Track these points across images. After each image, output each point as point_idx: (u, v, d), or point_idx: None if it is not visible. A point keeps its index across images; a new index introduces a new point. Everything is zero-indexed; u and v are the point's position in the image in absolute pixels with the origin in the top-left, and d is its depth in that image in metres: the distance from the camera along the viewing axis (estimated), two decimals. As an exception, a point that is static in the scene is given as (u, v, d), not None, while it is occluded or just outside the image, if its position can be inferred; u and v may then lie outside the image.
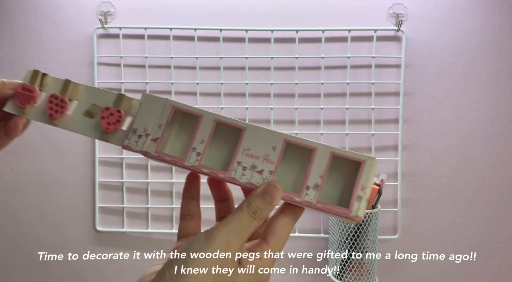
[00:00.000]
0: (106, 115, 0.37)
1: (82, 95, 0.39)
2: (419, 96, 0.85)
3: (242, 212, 0.30)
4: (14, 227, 0.90)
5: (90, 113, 0.38)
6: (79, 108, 0.39)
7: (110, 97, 0.38)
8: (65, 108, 0.38)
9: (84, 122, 0.38)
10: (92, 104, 0.38)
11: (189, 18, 0.85)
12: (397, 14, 0.83)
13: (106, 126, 0.37)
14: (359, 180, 0.31)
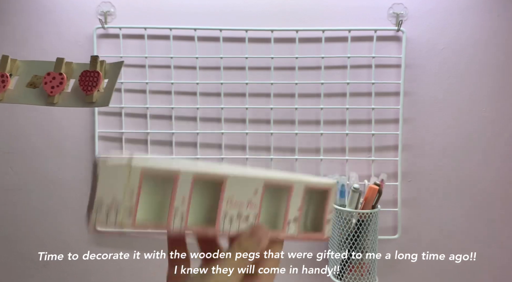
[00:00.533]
0: (48, 80, 0.40)
1: (22, 69, 0.42)
2: (419, 96, 0.85)
3: (234, 254, 0.32)
4: (14, 227, 0.90)
5: (33, 83, 0.40)
6: (21, 81, 0.41)
7: (49, 65, 0.41)
8: (6, 82, 0.40)
9: (28, 92, 0.40)
10: (34, 75, 0.41)
11: (189, 18, 0.85)
12: (397, 14, 0.83)
13: (51, 90, 0.39)
14: (327, 205, 0.33)
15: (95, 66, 0.42)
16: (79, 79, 0.41)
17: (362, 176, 0.85)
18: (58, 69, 0.41)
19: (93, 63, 0.42)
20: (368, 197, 0.77)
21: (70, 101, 0.41)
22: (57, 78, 0.40)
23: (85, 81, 0.41)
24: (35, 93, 0.40)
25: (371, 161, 0.85)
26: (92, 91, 0.40)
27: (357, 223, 0.76)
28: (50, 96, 0.40)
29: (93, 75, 0.41)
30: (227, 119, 0.86)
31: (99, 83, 0.40)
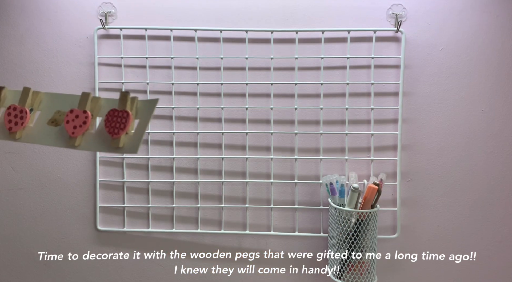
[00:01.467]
0: (71, 118, 0.34)
1: (44, 103, 0.36)
2: (418, 96, 0.85)
3: None
4: (14, 227, 0.91)
5: (55, 121, 0.35)
6: (42, 117, 0.36)
7: (74, 100, 0.36)
8: (25, 119, 0.35)
9: (48, 131, 0.35)
10: (57, 111, 0.36)
11: (189, 19, 0.85)
12: (396, 14, 0.83)
13: (72, 130, 0.34)
14: None
15: (125, 104, 0.35)
16: (106, 119, 0.35)
17: (362, 176, 0.85)
18: (83, 106, 0.35)
19: (122, 100, 0.35)
20: (367, 196, 0.77)
21: (94, 144, 0.35)
22: (80, 116, 0.34)
23: (112, 121, 0.34)
24: (56, 132, 0.35)
25: (371, 161, 0.85)
26: (119, 134, 0.34)
27: (356, 223, 0.76)
28: (72, 138, 0.34)
29: (121, 115, 0.35)
30: (227, 119, 0.87)
31: (127, 125, 0.34)
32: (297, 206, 0.86)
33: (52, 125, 0.35)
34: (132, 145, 0.34)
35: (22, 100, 0.36)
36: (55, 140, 0.35)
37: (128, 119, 0.34)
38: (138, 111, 0.35)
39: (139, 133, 0.34)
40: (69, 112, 0.35)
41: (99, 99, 0.35)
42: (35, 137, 0.35)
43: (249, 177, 0.87)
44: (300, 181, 0.86)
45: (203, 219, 0.88)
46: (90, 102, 0.35)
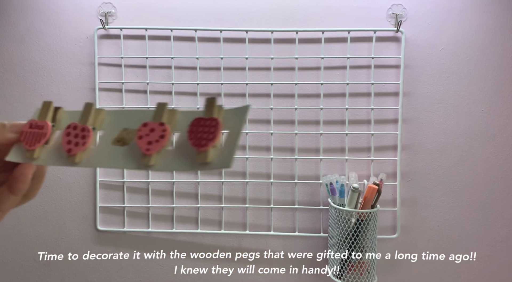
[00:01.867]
0: (145, 132, 0.28)
1: (108, 121, 0.31)
2: (418, 96, 0.85)
3: None
4: (14, 227, 0.91)
5: (121, 139, 0.30)
6: (106, 137, 0.30)
7: (143, 115, 0.30)
8: (88, 138, 0.29)
9: (114, 152, 0.29)
10: (123, 129, 0.30)
11: (189, 18, 0.86)
12: (396, 14, 0.83)
13: (147, 147, 0.28)
14: None
15: (212, 111, 0.29)
16: (189, 130, 0.28)
17: (362, 176, 0.85)
18: (159, 118, 0.29)
19: (209, 107, 0.29)
20: (367, 196, 0.77)
21: (173, 162, 0.28)
22: (156, 130, 0.28)
23: (198, 132, 0.28)
24: (123, 152, 0.29)
25: (371, 161, 0.85)
26: (208, 146, 0.27)
27: (356, 223, 0.76)
28: (146, 156, 0.28)
29: (209, 124, 0.28)
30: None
31: (217, 134, 0.28)
32: (297, 206, 0.86)
33: (119, 145, 0.29)
34: (224, 159, 0.27)
35: (84, 117, 0.30)
36: (123, 161, 0.28)
37: (218, 128, 0.28)
38: (226, 120, 0.29)
39: (232, 144, 0.28)
40: (142, 126, 0.28)
41: (175, 111, 0.29)
42: (98, 160, 0.29)
43: (249, 177, 0.87)
44: (300, 181, 0.86)
45: (203, 219, 0.88)
46: (166, 114, 0.29)
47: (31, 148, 0.30)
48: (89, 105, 0.30)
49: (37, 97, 0.88)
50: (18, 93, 0.88)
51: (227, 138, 0.28)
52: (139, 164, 0.28)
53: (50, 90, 0.88)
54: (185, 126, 0.29)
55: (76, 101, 0.87)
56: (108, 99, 0.87)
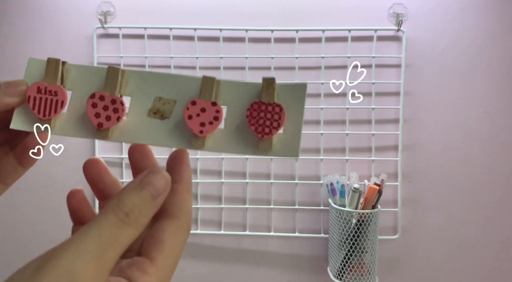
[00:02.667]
0: (195, 111, 0.25)
1: (133, 86, 0.27)
2: (419, 96, 0.85)
3: (105, 217, 0.19)
4: (13, 227, 0.90)
5: (157, 111, 0.26)
6: (137, 106, 0.26)
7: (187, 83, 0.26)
8: (122, 111, 0.26)
9: (154, 125, 0.26)
10: (157, 97, 0.26)
11: (189, 18, 0.85)
12: (397, 14, 0.83)
13: (200, 128, 0.25)
14: None
15: (272, 95, 0.27)
16: (249, 115, 0.26)
17: (362, 176, 0.84)
18: (208, 95, 0.26)
19: (269, 90, 0.27)
20: (368, 197, 0.77)
21: (231, 143, 0.26)
22: (208, 110, 0.25)
23: (259, 118, 0.26)
24: (168, 128, 0.26)
25: (371, 161, 0.85)
26: (272, 134, 0.25)
27: (357, 223, 0.76)
28: (199, 138, 0.25)
29: (272, 110, 0.26)
30: (227, 119, 0.86)
31: (281, 123, 0.26)
32: (297, 207, 0.86)
33: (156, 118, 0.26)
34: (289, 146, 0.26)
35: (110, 86, 0.26)
36: (170, 139, 0.25)
37: (282, 115, 0.26)
38: (282, 100, 0.26)
39: (295, 130, 0.26)
40: (191, 104, 0.25)
41: (220, 82, 0.26)
42: (137, 134, 0.26)
43: (249, 178, 0.86)
44: (301, 181, 0.86)
45: (203, 219, 0.88)
46: (215, 90, 0.26)
47: (45, 117, 0.26)
48: (114, 70, 0.26)
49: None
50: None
51: (288, 122, 0.26)
52: (190, 144, 0.25)
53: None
54: (235, 100, 0.26)
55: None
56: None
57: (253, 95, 0.27)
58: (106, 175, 0.27)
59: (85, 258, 0.17)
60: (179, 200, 0.23)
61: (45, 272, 0.17)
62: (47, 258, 0.18)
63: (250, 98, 0.27)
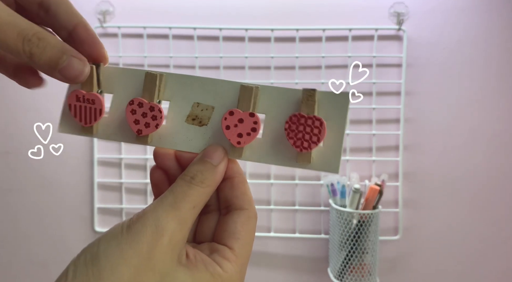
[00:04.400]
0: (232, 122, 0.25)
1: (171, 90, 0.27)
2: (420, 95, 0.84)
3: (176, 182, 0.24)
4: (11, 228, 0.90)
5: (196, 117, 0.26)
6: (175, 111, 0.27)
7: (225, 89, 0.26)
8: (160, 119, 0.26)
9: (192, 132, 0.26)
10: (195, 103, 0.27)
11: (188, 17, 0.84)
12: (398, 13, 0.82)
13: (237, 139, 0.25)
14: None
15: (313, 107, 0.25)
16: (288, 127, 0.25)
17: (363, 177, 0.84)
18: (246, 105, 0.26)
19: (309, 102, 0.25)
20: (369, 197, 0.76)
21: (269, 155, 0.26)
22: (246, 121, 0.25)
23: (298, 131, 0.25)
24: (206, 136, 0.26)
25: (372, 161, 0.84)
26: (310, 149, 0.25)
27: (357, 224, 0.76)
28: (236, 148, 0.26)
29: (312, 124, 0.25)
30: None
31: (322, 138, 0.25)
32: (297, 207, 0.86)
33: (194, 124, 0.26)
34: (329, 161, 0.25)
35: (149, 92, 0.26)
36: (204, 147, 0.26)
37: (322, 130, 0.25)
38: (323, 110, 0.25)
39: (336, 145, 0.25)
40: (228, 115, 0.25)
41: (258, 89, 0.25)
42: (176, 141, 0.26)
43: (249, 178, 0.86)
44: (301, 181, 0.85)
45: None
46: (253, 99, 0.25)
47: (87, 125, 0.27)
48: (152, 76, 0.26)
49: (33, 96, 0.87)
50: (13, 92, 0.87)
51: (328, 135, 0.25)
52: (229, 154, 0.26)
53: (47, 90, 0.87)
54: (273, 108, 0.26)
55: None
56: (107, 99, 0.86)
57: (291, 103, 0.26)
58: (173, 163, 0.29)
59: (164, 208, 0.22)
60: (241, 193, 0.26)
61: (138, 225, 0.21)
62: (137, 217, 0.22)
63: (289, 107, 0.26)
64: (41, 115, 0.86)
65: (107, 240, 0.22)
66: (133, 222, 0.22)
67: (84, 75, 0.26)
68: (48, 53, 0.24)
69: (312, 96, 0.25)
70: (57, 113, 0.31)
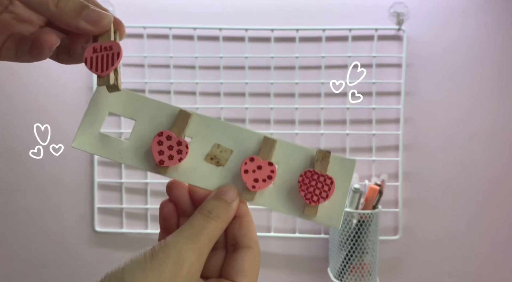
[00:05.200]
0: (251, 167, 0.28)
1: (196, 130, 0.29)
2: (420, 95, 0.84)
3: (194, 216, 0.26)
4: (12, 228, 0.90)
5: (214, 157, 0.29)
6: (197, 148, 0.29)
7: (247, 137, 0.29)
8: (185, 154, 0.28)
9: (208, 170, 0.28)
10: (216, 144, 0.29)
11: (188, 17, 0.85)
12: (398, 13, 0.82)
13: (253, 184, 0.28)
14: None
15: (326, 167, 0.28)
16: (301, 180, 0.28)
17: (363, 177, 0.84)
18: (267, 155, 0.28)
19: (323, 162, 0.28)
20: (368, 197, 0.76)
21: (279, 202, 0.29)
22: (264, 169, 0.28)
23: (310, 185, 0.28)
24: (221, 175, 0.28)
25: (372, 161, 0.84)
26: (319, 203, 0.28)
27: (357, 224, 0.76)
28: (250, 191, 0.28)
29: (323, 181, 0.28)
30: (227, 118, 0.86)
31: (330, 194, 0.28)
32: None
33: (212, 163, 0.28)
34: (332, 216, 0.28)
35: (179, 127, 0.28)
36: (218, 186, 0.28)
37: (332, 187, 0.28)
38: (330, 171, 0.29)
39: (340, 202, 0.28)
40: (249, 160, 0.28)
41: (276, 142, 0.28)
42: (191, 176, 0.28)
43: (249, 178, 0.86)
44: (301, 181, 0.85)
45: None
46: (271, 148, 0.28)
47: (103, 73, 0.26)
48: (185, 114, 0.29)
49: (33, 96, 0.87)
50: (14, 92, 0.87)
51: (335, 193, 0.28)
52: (242, 195, 0.28)
53: (46, 90, 0.87)
54: (287, 161, 0.28)
55: (74, 101, 0.86)
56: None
57: (303, 160, 0.29)
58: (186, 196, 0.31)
59: (185, 241, 0.24)
60: (248, 233, 0.29)
61: (161, 255, 0.23)
62: (160, 247, 0.24)
63: (301, 162, 0.29)
64: (41, 116, 0.86)
65: (132, 267, 0.23)
66: (156, 251, 0.24)
67: (107, 21, 0.27)
68: (73, 4, 0.26)
69: (327, 158, 0.28)
70: (57, 113, 0.31)
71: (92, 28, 0.27)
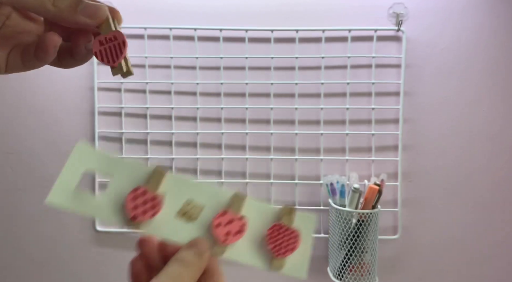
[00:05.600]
0: (223, 221, 0.29)
1: (169, 186, 0.30)
2: (419, 96, 0.85)
3: (169, 265, 0.27)
4: (13, 227, 0.90)
5: (186, 213, 0.29)
6: (168, 204, 0.29)
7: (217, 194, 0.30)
8: (158, 209, 0.28)
9: (180, 225, 0.29)
10: (186, 201, 0.30)
11: (189, 17, 0.85)
12: (397, 13, 0.82)
13: (224, 237, 0.28)
14: None
15: (292, 221, 0.30)
16: (269, 234, 0.30)
17: (362, 176, 0.84)
18: (237, 209, 0.29)
19: (289, 216, 0.30)
20: (368, 197, 0.76)
21: (248, 255, 0.29)
22: (235, 222, 0.29)
23: (277, 239, 0.30)
24: (192, 230, 0.29)
25: (371, 161, 0.85)
26: (286, 256, 0.29)
27: (357, 223, 0.76)
28: (220, 245, 0.29)
29: (290, 234, 0.30)
30: (227, 119, 0.86)
31: (296, 247, 0.29)
32: (297, 207, 0.86)
33: (183, 219, 0.29)
34: (298, 267, 0.30)
35: (154, 183, 0.29)
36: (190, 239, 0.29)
37: (298, 240, 0.30)
38: (296, 224, 0.30)
39: (305, 254, 0.30)
40: (221, 215, 0.29)
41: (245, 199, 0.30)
42: (162, 231, 0.29)
43: (249, 178, 0.86)
44: (300, 181, 0.86)
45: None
46: (239, 204, 0.30)
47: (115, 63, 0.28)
48: (161, 172, 0.29)
49: (33, 97, 0.87)
50: (15, 92, 0.87)
51: (300, 247, 0.30)
52: (214, 250, 0.29)
53: (47, 90, 0.88)
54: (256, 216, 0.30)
55: (74, 102, 0.86)
56: (107, 99, 0.86)
57: (270, 215, 0.31)
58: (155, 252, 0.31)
59: None
60: None
61: None
62: None
63: (268, 217, 0.31)
64: (42, 116, 0.87)
65: None
66: None
67: (103, 12, 0.28)
68: (68, 1, 0.27)
69: (293, 213, 0.30)
70: (57, 113, 0.32)
71: (91, 21, 0.27)
